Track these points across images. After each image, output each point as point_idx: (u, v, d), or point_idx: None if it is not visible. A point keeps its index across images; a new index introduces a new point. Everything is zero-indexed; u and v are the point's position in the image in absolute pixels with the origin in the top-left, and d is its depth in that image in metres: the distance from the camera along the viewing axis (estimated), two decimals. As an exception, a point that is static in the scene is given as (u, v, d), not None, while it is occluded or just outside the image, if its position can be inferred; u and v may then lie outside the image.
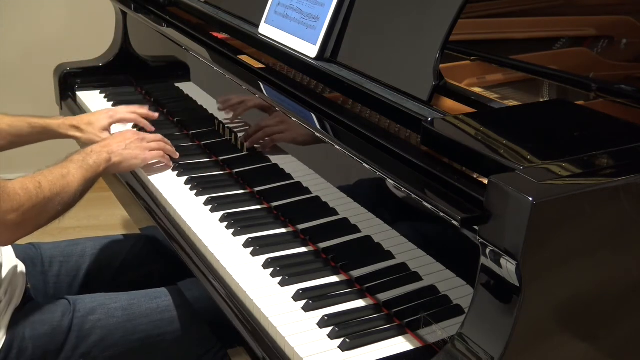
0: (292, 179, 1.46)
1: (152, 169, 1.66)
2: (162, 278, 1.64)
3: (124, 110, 1.84)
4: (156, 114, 1.87)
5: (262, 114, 1.53)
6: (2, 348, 1.29)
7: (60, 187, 1.34)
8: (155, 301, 1.43)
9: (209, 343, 1.42)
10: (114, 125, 1.82)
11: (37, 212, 1.30)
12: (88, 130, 1.76)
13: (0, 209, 1.23)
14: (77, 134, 1.77)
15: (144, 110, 1.85)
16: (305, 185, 1.42)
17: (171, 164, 1.68)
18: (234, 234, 1.41)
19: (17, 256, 1.47)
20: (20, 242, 1.36)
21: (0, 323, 1.31)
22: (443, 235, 1.09)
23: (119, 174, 1.71)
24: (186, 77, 1.89)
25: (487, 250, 0.94)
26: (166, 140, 1.70)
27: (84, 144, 1.75)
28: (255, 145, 1.58)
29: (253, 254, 1.35)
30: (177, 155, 1.69)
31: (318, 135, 1.32)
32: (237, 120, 1.66)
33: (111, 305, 1.41)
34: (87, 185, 1.43)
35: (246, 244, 1.37)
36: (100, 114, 1.80)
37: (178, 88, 1.96)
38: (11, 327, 1.32)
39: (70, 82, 2.22)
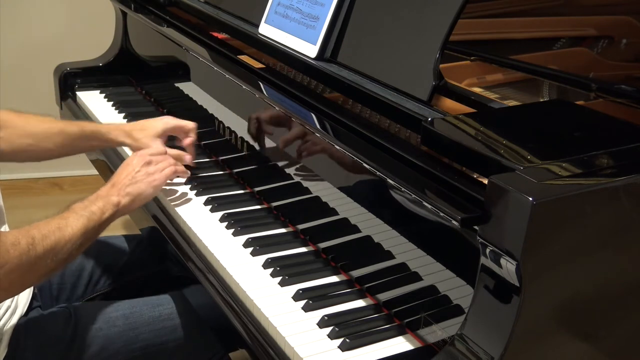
0: (292, 179, 1.46)
1: None
2: (163, 278, 1.64)
3: (183, 121, 1.68)
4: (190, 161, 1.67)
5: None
6: (3, 359, 1.28)
7: (54, 241, 1.20)
8: (157, 309, 1.43)
9: (212, 349, 1.42)
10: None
11: (23, 271, 1.16)
12: (139, 137, 1.63)
13: None
14: (128, 140, 1.64)
15: (195, 136, 1.69)
16: (305, 185, 1.42)
17: (185, 176, 1.59)
18: (234, 234, 1.41)
19: None
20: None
21: (3, 333, 1.30)
22: (443, 235, 1.09)
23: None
24: (186, 77, 1.89)
25: (487, 250, 0.94)
26: (173, 151, 1.59)
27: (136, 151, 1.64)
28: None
29: (253, 254, 1.35)
30: (187, 174, 1.58)
31: (318, 135, 1.32)
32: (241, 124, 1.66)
33: (112, 314, 1.40)
34: (90, 235, 1.30)
35: (246, 244, 1.37)
36: (155, 120, 1.66)
37: (178, 88, 1.96)
38: (13, 338, 1.31)
39: (70, 82, 2.22)
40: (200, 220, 1.47)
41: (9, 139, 1.53)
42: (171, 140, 1.68)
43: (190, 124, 1.66)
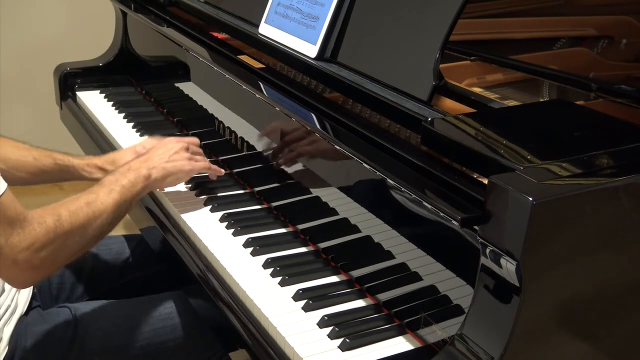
0: (292, 178, 1.46)
1: None
2: (163, 278, 1.64)
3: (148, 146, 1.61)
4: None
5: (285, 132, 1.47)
6: (4, 359, 1.28)
7: (83, 217, 1.20)
8: (158, 308, 1.43)
9: (212, 349, 1.41)
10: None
11: (53, 249, 1.15)
12: (111, 171, 1.52)
13: (12, 244, 1.10)
14: (100, 175, 1.55)
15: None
16: (305, 185, 1.42)
17: (215, 177, 1.56)
18: (234, 234, 1.41)
19: None
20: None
21: (3, 332, 1.30)
22: (443, 235, 1.09)
23: None
24: (186, 77, 1.89)
25: (487, 250, 0.94)
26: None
27: None
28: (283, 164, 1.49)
29: (253, 254, 1.35)
30: (222, 172, 1.57)
31: (318, 135, 1.32)
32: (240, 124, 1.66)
33: (112, 314, 1.40)
34: (121, 210, 1.29)
35: (246, 244, 1.37)
36: (125, 151, 1.62)
37: (178, 88, 1.96)
38: (13, 337, 1.31)
39: (70, 82, 2.22)
40: (200, 220, 1.47)
41: None
42: None
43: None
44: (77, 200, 1.22)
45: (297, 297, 1.22)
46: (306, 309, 1.20)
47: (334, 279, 1.28)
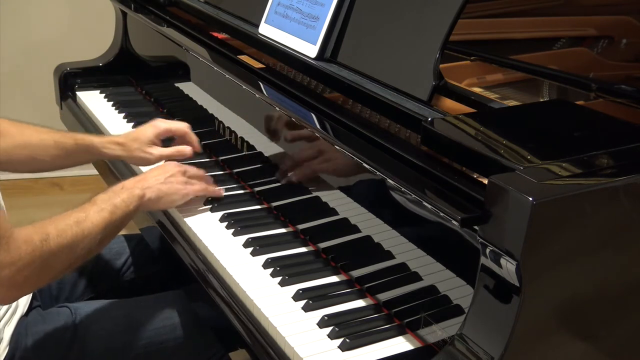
0: (292, 178, 1.46)
1: None
2: (162, 278, 1.64)
3: (172, 122, 1.66)
4: (199, 147, 1.66)
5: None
6: (4, 359, 1.28)
7: (71, 237, 1.17)
8: (158, 308, 1.42)
9: (212, 349, 1.41)
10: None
11: (37, 268, 1.13)
12: (133, 147, 1.58)
13: None
14: (122, 152, 1.58)
15: (193, 136, 1.66)
16: (304, 185, 1.42)
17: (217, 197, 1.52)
18: (234, 234, 1.41)
19: None
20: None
21: (4, 333, 1.30)
22: (443, 235, 1.09)
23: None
24: (186, 77, 1.89)
25: (487, 250, 0.94)
26: (209, 177, 1.55)
27: (133, 164, 1.65)
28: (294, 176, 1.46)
29: (253, 254, 1.35)
30: (221, 194, 1.52)
31: (318, 135, 1.32)
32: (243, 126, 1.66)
33: (113, 314, 1.40)
34: (111, 229, 1.26)
35: (246, 244, 1.37)
36: (145, 127, 1.62)
37: (178, 88, 1.96)
38: (14, 338, 1.31)
39: (70, 82, 2.22)
40: (200, 220, 1.47)
41: (5, 149, 1.49)
42: (167, 141, 1.67)
43: (181, 125, 1.64)
44: (66, 218, 1.19)
45: (297, 297, 1.22)
46: (306, 309, 1.20)
47: (334, 279, 1.28)
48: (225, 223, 1.45)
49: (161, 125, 1.62)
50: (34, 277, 1.14)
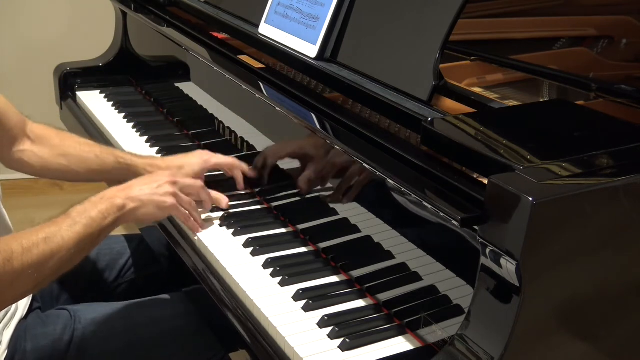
0: (292, 178, 1.46)
1: None
2: (162, 278, 1.64)
3: (222, 157, 1.54)
4: (253, 173, 1.55)
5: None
6: None
7: (38, 255, 1.10)
8: (157, 309, 1.42)
9: (212, 349, 1.41)
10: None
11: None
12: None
13: None
14: None
15: (243, 165, 1.54)
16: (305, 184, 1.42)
17: (200, 223, 1.42)
18: (234, 234, 1.41)
19: None
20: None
21: (3, 336, 1.30)
22: (443, 235, 1.09)
23: None
24: (186, 77, 1.89)
25: (487, 250, 0.94)
26: (208, 191, 1.44)
27: None
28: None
29: (253, 254, 1.35)
30: (198, 230, 1.41)
31: (318, 135, 1.32)
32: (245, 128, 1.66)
33: (113, 315, 1.39)
34: (85, 244, 1.18)
35: (246, 244, 1.37)
36: (193, 156, 1.52)
37: (178, 88, 1.96)
38: (13, 341, 1.31)
39: (70, 82, 2.22)
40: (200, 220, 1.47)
41: (43, 156, 1.48)
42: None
43: (230, 161, 1.53)
44: (35, 234, 1.12)
45: (297, 297, 1.22)
46: (306, 309, 1.20)
47: (334, 279, 1.28)
48: (225, 223, 1.45)
49: (211, 160, 1.53)
50: None
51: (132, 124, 1.95)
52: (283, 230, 1.43)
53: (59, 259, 1.14)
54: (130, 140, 1.86)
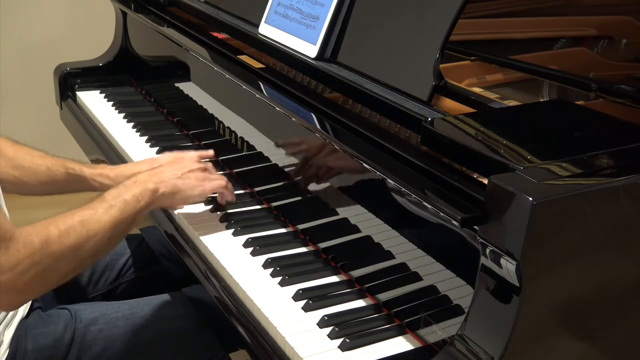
0: (292, 178, 1.46)
1: None
2: (162, 278, 1.64)
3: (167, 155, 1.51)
4: (211, 152, 1.56)
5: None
6: None
7: (75, 238, 1.11)
8: (158, 309, 1.42)
9: (212, 350, 1.41)
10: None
11: (39, 272, 1.07)
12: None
13: None
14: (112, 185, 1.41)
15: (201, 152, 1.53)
16: (304, 184, 1.42)
17: (228, 200, 1.46)
18: (234, 234, 1.41)
19: None
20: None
21: (4, 335, 1.30)
22: (443, 235, 1.09)
23: None
24: (186, 77, 1.89)
25: (487, 250, 0.94)
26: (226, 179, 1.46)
27: None
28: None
29: (253, 254, 1.35)
30: (234, 198, 1.46)
31: (318, 135, 1.32)
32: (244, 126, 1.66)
33: (113, 315, 1.39)
34: (122, 227, 1.20)
35: (246, 244, 1.37)
36: (144, 164, 1.49)
37: (178, 88, 1.96)
38: (14, 340, 1.31)
39: (70, 82, 2.22)
40: (201, 220, 1.47)
41: None
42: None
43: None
44: (71, 217, 1.13)
45: (297, 297, 1.22)
46: (306, 309, 1.20)
47: (334, 279, 1.28)
48: (225, 223, 1.45)
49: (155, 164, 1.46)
50: (35, 281, 1.09)
51: (132, 124, 1.95)
52: (283, 230, 1.43)
53: (96, 242, 1.14)
54: (130, 141, 1.86)
